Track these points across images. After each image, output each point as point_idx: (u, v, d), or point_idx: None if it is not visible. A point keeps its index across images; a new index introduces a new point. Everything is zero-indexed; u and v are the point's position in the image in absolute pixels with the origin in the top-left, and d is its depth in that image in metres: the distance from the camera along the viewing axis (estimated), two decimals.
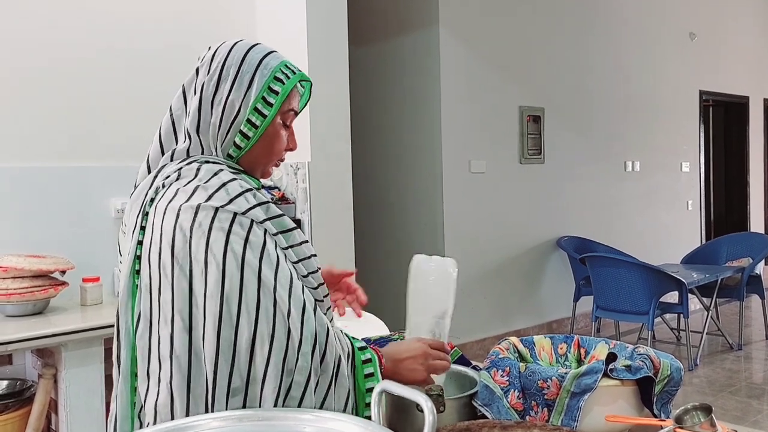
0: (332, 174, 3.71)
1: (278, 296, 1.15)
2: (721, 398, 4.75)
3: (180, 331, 1.15)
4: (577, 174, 6.73)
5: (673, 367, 1.39)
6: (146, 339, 1.19)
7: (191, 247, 1.14)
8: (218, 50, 1.33)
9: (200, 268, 1.14)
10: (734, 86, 8.73)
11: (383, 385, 1.07)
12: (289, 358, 1.14)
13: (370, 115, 6.09)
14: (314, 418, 0.88)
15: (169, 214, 1.18)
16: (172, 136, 1.33)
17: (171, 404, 1.15)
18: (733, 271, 5.98)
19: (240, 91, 1.28)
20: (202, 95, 1.30)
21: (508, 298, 6.13)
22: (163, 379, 1.16)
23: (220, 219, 1.15)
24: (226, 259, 1.13)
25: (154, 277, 1.18)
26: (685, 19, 7.93)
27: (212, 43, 1.37)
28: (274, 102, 1.30)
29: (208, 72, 1.31)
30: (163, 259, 1.16)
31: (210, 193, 1.18)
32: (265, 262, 1.16)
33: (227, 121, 1.28)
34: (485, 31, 5.88)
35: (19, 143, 3.21)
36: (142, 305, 1.19)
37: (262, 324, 1.13)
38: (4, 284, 2.83)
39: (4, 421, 2.78)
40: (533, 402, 1.35)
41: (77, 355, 2.71)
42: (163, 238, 1.17)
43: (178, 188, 1.21)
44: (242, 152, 1.32)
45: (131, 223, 1.26)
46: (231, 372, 1.12)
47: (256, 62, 1.30)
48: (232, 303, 1.12)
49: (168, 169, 1.28)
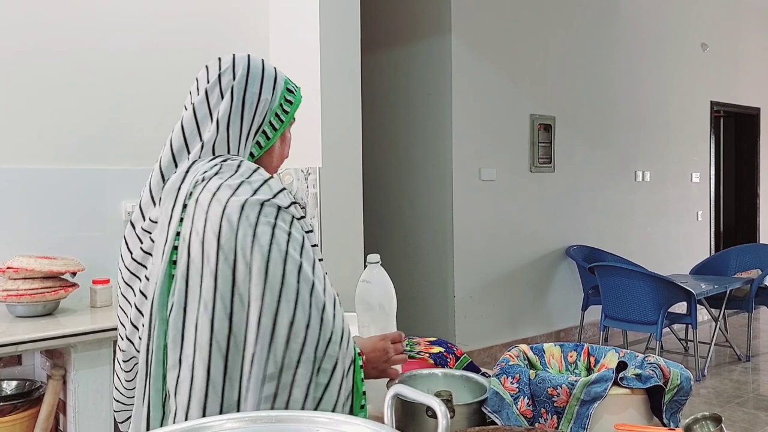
0: (343, 180, 3.71)
1: (315, 289, 1.23)
2: (728, 409, 4.72)
3: (221, 317, 1.19)
4: (587, 183, 6.72)
5: (683, 376, 1.39)
6: (179, 326, 1.23)
7: (237, 238, 1.20)
8: (237, 59, 1.43)
9: (245, 259, 1.20)
10: (746, 98, 8.71)
11: (395, 389, 1.07)
12: (320, 348, 1.21)
13: (381, 121, 6.10)
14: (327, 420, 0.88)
15: (214, 206, 1.23)
16: (196, 135, 1.38)
17: (206, 389, 1.19)
18: (742, 283, 5.96)
19: (268, 93, 1.41)
20: (233, 96, 1.38)
21: (516, 306, 6.12)
22: (198, 365, 1.20)
23: (266, 213, 1.23)
24: (271, 251, 1.20)
25: (194, 266, 1.23)
26: (698, 30, 7.92)
27: (226, 46, 1.46)
28: (290, 109, 1.44)
29: (235, 76, 1.40)
30: (207, 248, 1.21)
31: (255, 188, 1.26)
32: (304, 256, 1.24)
33: (258, 119, 1.40)
34: (497, 39, 5.89)
35: (31, 144, 3.23)
36: (177, 294, 1.23)
37: (299, 314, 1.19)
38: (14, 285, 2.84)
39: (13, 421, 2.78)
40: (543, 409, 1.35)
41: (86, 357, 2.72)
42: (208, 229, 1.22)
43: (222, 182, 1.27)
44: (262, 152, 1.42)
45: (165, 216, 1.30)
46: (267, 358, 1.17)
47: (273, 71, 1.45)
48: (274, 292, 1.19)
49: (202, 164, 1.33)
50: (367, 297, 1.57)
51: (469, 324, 5.70)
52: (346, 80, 3.72)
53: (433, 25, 5.72)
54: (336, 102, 3.64)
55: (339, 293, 1.35)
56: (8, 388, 3.02)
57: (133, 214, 1.40)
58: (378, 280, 1.57)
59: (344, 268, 3.56)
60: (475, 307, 5.75)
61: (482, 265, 5.81)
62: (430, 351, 1.80)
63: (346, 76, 3.73)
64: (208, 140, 1.36)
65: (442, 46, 5.64)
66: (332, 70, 3.66)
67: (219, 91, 1.39)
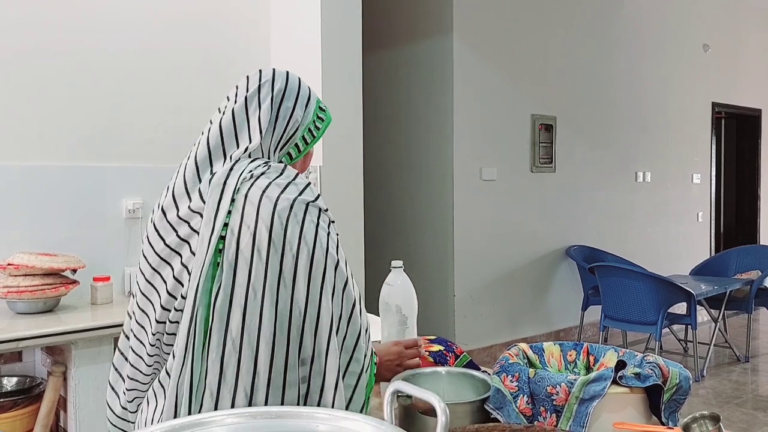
0: (344, 179, 3.71)
1: (348, 286, 1.37)
2: (727, 410, 4.73)
3: (269, 305, 1.29)
4: (588, 183, 6.72)
5: (682, 375, 1.39)
6: (225, 312, 1.31)
7: (287, 233, 1.31)
8: (277, 73, 1.54)
9: (293, 253, 1.31)
10: (747, 99, 8.71)
11: (396, 385, 1.08)
12: (348, 339, 1.36)
13: (382, 120, 6.11)
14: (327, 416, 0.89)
15: (265, 202, 1.33)
16: (233, 138, 1.47)
17: (253, 372, 1.29)
18: (742, 284, 5.96)
19: (301, 109, 1.52)
20: (271, 106, 1.49)
21: (516, 306, 6.12)
22: (246, 348, 1.29)
23: (311, 213, 1.35)
24: (316, 247, 1.32)
25: (243, 256, 1.32)
26: (699, 30, 7.92)
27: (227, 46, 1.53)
28: (321, 126, 1.57)
29: (273, 89, 1.50)
30: (260, 241, 1.31)
31: (301, 189, 1.38)
32: (341, 255, 1.38)
33: (289, 132, 1.50)
34: (499, 39, 5.89)
35: (32, 142, 3.24)
36: (224, 281, 1.32)
37: (336, 307, 1.34)
38: (15, 282, 2.85)
39: (14, 417, 2.79)
40: (542, 408, 1.36)
41: (87, 354, 2.73)
42: (260, 223, 1.32)
43: (270, 181, 1.37)
44: (291, 162, 1.53)
45: (211, 208, 1.37)
46: (301, 344, 1.30)
47: (308, 90, 1.57)
48: (317, 285, 1.31)
49: (248, 164, 1.42)
50: (387, 299, 1.65)
51: (469, 323, 5.71)
52: (347, 79, 3.73)
53: (435, 25, 5.72)
54: (337, 101, 3.65)
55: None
56: (9, 385, 3.03)
57: (164, 203, 1.45)
58: (400, 285, 1.66)
59: None
60: (475, 306, 5.75)
61: (482, 265, 5.82)
62: (429, 349, 1.81)
63: (347, 75, 3.74)
64: (249, 146, 1.45)
65: (444, 46, 5.64)
66: (333, 69, 3.66)
67: (257, 101, 1.48)
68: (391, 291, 1.64)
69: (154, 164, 3.52)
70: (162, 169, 3.51)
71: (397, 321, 1.62)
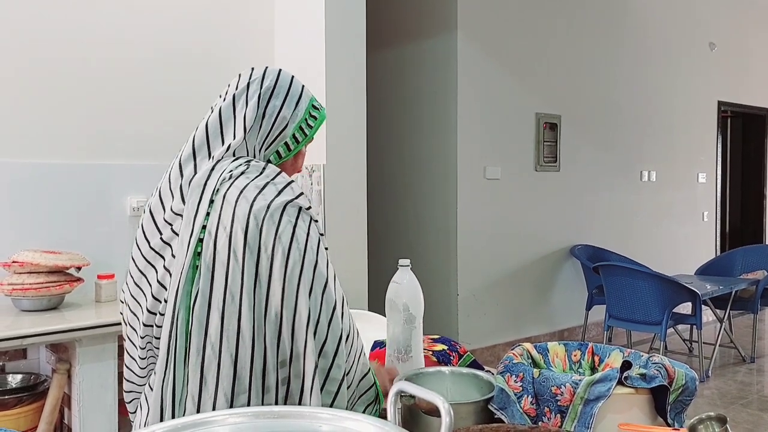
0: (347, 177, 3.71)
1: (327, 287, 1.32)
2: (732, 410, 4.71)
3: (246, 309, 1.28)
4: (592, 182, 6.71)
5: (688, 376, 1.38)
6: (204, 314, 1.30)
7: (262, 234, 1.30)
8: (268, 70, 1.52)
9: (268, 254, 1.29)
10: (753, 98, 8.68)
11: (399, 385, 1.07)
12: (329, 344, 1.30)
13: (386, 119, 6.10)
14: (330, 416, 0.88)
15: (242, 203, 1.32)
16: (219, 136, 1.47)
17: (233, 375, 1.28)
18: (748, 284, 5.94)
19: (290, 108, 1.49)
20: (258, 104, 1.47)
21: (520, 305, 6.11)
22: (225, 353, 1.28)
23: (289, 213, 1.32)
24: (291, 248, 1.29)
25: (220, 259, 1.30)
26: (705, 29, 7.90)
27: (231, 45, 1.51)
28: (314, 125, 1.54)
29: (262, 86, 1.49)
30: (235, 243, 1.30)
31: (279, 189, 1.36)
32: (321, 256, 1.33)
33: (276, 130, 1.48)
34: (503, 37, 5.88)
35: (37, 140, 3.24)
36: (202, 283, 1.31)
37: (315, 308, 1.29)
38: (20, 279, 2.85)
39: (18, 414, 2.80)
40: (546, 408, 1.35)
41: (91, 351, 2.73)
42: (236, 224, 1.31)
43: (249, 182, 1.36)
44: (281, 161, 1.52)
45: (191, 209, 1.37)
46: (278, 347, 1.29)
47: (300, 88, 1.54)
48: (293, 286, 1.28)
49: (228, 164, 1.41)
50: (394, 297, 1.64)
51: (472, 322, 5.70)
52: (351, 78, 3.72)
53: (439, 23, 5.71)
54: (341, 100, 3.64)
55: (343, 291, 1.40)
56: (13, 382, 3.03)
57: (152, 204, 1.46)
58: (407, 283, 1.65)
59: (348, 265, 3.56)
60: (478, 305, 5.75)
61: (486, 264, 5.81)
62: (433, 348, 1.80)
63: (351, 73, 3.73)
64: (231, 143, 1.44)
65: (448, 44, 5.63)
66: (337, 67, 3.66)
67: (245, 98, 1.48)
68: (398, 289, 1.63)
69: (158, 162, 3.52)
70: (166, 166, 3.50)
71: (404, 319, 1.61)
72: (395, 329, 1.62)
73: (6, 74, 3.16)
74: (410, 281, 1.64)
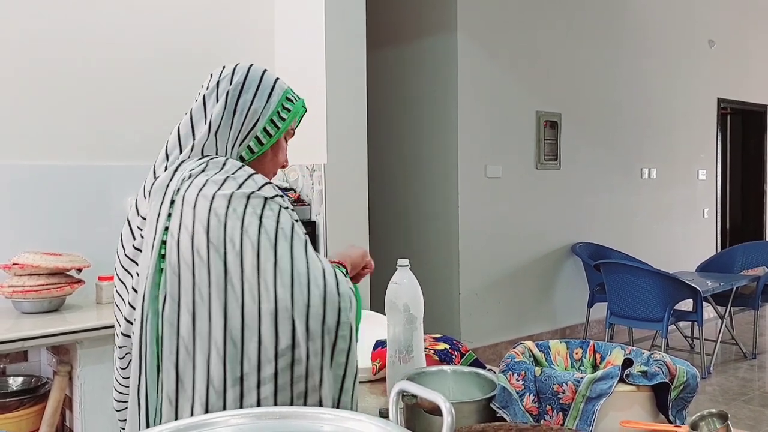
0: (348, 176, 3.71)
1: (311, 266, 1.25)
2: (734, 407, 4.72)
3: (217, 309, 1.24)
4: (593, 180, 6.71)
5: (690, 373, 1.38)
6: (174, 318, 1.27)
7: (226, 231, 1.24)
8: (238, 67, 1.49)
9: (236, 251, 1.23)
10: (752, 94, 8.68)
11: (401, 384, 1.07)
12: (328, 320, 1.23)
13: (386, 118, 6.10)
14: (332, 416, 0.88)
15: (201, 202, 1.27)
16: (190, 137, 1.45)
17: (207, 378, 1.24)
18: (749, 280, 5.95)
19: (261, 101, 1.45)
20: (226, 101, 1.44)
21: (521, 304, 6.11)
22: (199, 355, 1.25)
23: (253, 205, 1.27)
24: (260, 240, 1.23)
25: (184, 260, 1.26)
26: (704, 26, 7.90)
27: (231, 45, 1.48)
28: (287, 117, 1.49)
29: (231, 83, 1.46)
30: (198, 243, 1.25)
31: (240, 182, 1.30)
32: (296, 239, 1.27)
33: (247, 125, 1.44)
34: (503, 36, 5.88)
35: (37, 141, 3.24)
36: (169, 287, 1.27)
37: (298, 294, 1.22)
38: (20, 281, 2.85)
39: (19, 417, 2.79)
40: (548, 406, 1.35)
41: (92, 353, 2.73)
42: (197, 224, 1.26)
43: (207, 179, 1.31)
44: (254, 157, 1.47)
45: (154, 212, 1.34)
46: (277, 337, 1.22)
47: (272, 80, 1.49)
48: (268, 278, 1.22)
49: (190, 163, 1.38)
50: (394, 298, 1.62)
51: (474, 321, 5.70)
52: (351, 77, 3.72)
53: (439, 22, 5.71)
54: (341, 99, 3.64)
55: None
56: (14, 384, 3.03)
57: (129, 212, 1.46)
58: (406, 283, 1.63)
59: None
60: (480, 304, 5.75)
61: (487, 262, 5.81)
62: (435, 348, 1.80)
63: (352, 72, 3.73)
64: (198, 142, 1.42)
65: (448, 43, 5.63)
66: (338, 66, 3.66)
67: (215, 97, 1.45)
68: (397, 290, 1.62)
69: None
70: None
71: (405, 320, 1.60)
72: (396, 330, 1.62)
73: (6, 75, 3.16)
74: (410, 281, 1.63)
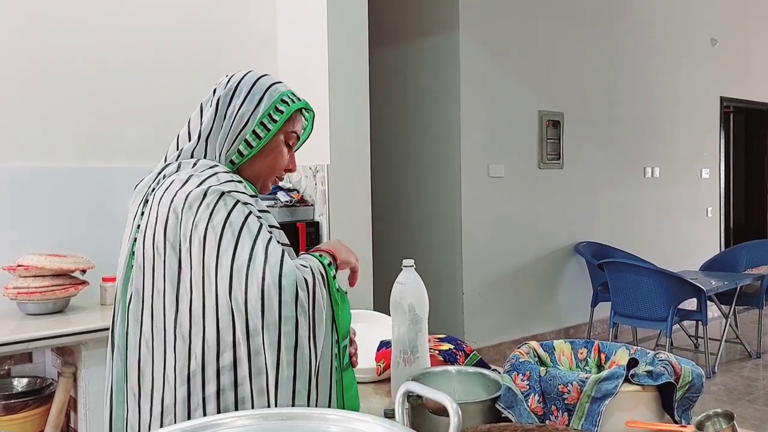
0: (351, 176, 3.71)
1: (254, 259, 1.22)
2: (739, 406, 4.71)
3: (170, 303, 1.27)
4: (596, 179, 6.70)
5: (695, 373, 1.38)
6: (139, 314, 1.31)
7: (181, 226, 1.27)
8: (234, 75, 1.51)
9: (187, 246, 1.26)
10: (756, 93, 8.66)
11: (407, 385, 1.07)
12: (267, 316, 1.21)
13: (389, 118, 6.10)
14: (339, 417, 0.88)
15: (164, 200, 1.31)
16: (186, 142, 1.48)
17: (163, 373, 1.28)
18: (753, 279, 5.94)
19: (250, 105, 1.45)
20: (217, 107, 1.46)
21: (525, 303, 6.11)
22: (157, 353, 1.29)
23: (207, 201, 1.27)
24: (207, 234, 1.25)
25: (147, 256, 1.30)
26: (707, 25, 7.88)
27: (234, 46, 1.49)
28: (278, 119, 1.46)
29: (224, 88, 1.48)
30: (157, 240, 1.29)
31: (202, 179, 1.32)
32: (245, 233, 1.25)
33: (236, 129, 1.44)
34: (506, 36, 5.87)
35: (41, 143, 3.24)
36: (135, 283, 1.32)
37: (236, 288, 1.21)
38: (25, 283, 2.86)
39: (24, 418, 2.80)
40: (553, 406, 1.35)
41: (97, 354, 2.73)
42: (158, 221, 1.30)
43: (174, 178, 1.35)
44: (244, 160, 1.46)
45: (132, 211, 1.41)
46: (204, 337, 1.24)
47: (266, 85, 1.48)
48: (211, 272, 1.23)
49: (171, 166, 1.43)
50: (399, 298, 1.63)
51: (477, 321, 5.70)
52: (353, 77, 3.72)
53: (441, 21, 5.71)
54: (343, 99, 3.64)
55: (347, 291, 1.39)
56: (19, 386, 3.03)
57: None
58: (412, 283, 1.64)
59: None
60: (483, 303, 5.75)
61: (491, 262, 5.81)
62: (439, 348, 1.80)
63: (354, 72, 3.73)
64: (189, 147, 1.45)
65: (450, 42, 5.63)
66: (340, 67, 3.66)
67: (210, 103, 1.48)
68: (402, 290, 1.62)
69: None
70: None
71: (409, 320, 1.60)
72: (400, 330, 1.62)
73: (8, 76, 3.16)
74: (414, 281, 1.63)
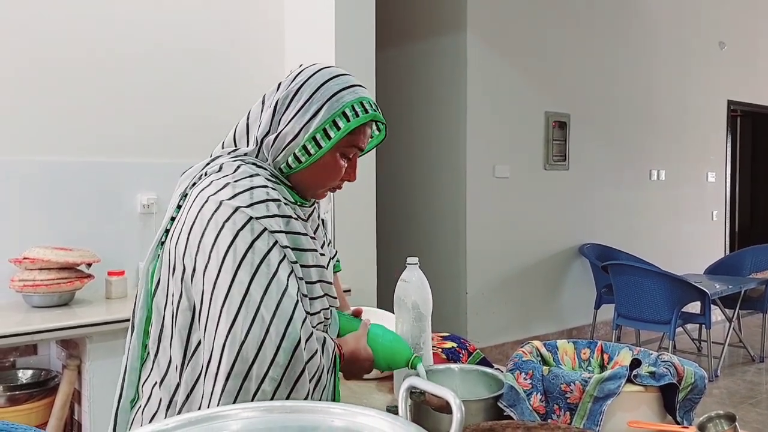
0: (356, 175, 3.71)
1: (263, 306, 1.18)
2: (741, 410, 4.70)
3: (184, 309, 1.27)
4: (601, 181, 6.69)
5: (697, 375, 1.38)
6: (162, 303, 1.31)
7: (203, 236, 1.22)
8: (303, 71, 1.40)
9: (204, 259, 1.21)
10: (763, 97, 8.63)
11: (410, 381, 1.08)
12: (257, 365, 1.16)
13: (395, 117, 6.10)
14: (343, 411, 0.89)
15: (197, 202, 1.26)
16: (244, 137, 1.42)
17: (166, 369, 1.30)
18: (757, 283, 5.93)
19: (303, 117, 1.34)
20: (274, 110, 1.37)
21: (528, 304, 6.11)
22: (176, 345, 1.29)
23: (235, 220, 1.22)
24: (226, 258, 1.19)
25: (171, 255, 1.29)
26: (715, 28, 7.86)
27: (241, 43, 1.44)
28: (333, 136, 1.35)
29: (286, 88, 1.38)
30: (180, 240, 1.26)
31: (236, 192, 1.25)
32: (261, 272, 1.20)
33: (282, 141, 1.35)
34: (512, 36, 5.87)
35: (49, 137, 3.25)
36: (162, 272, 1.31)
37: (237, 326, 1.17)
38: (31, 275, 2.87)
39: (29, 410, 2.81)
40: (556, 405, 1.36)
41: (101, 347, 2.74)
42: (186, 222, 1.26)
43: (213, 179, 1.29)
44: (292, 172, 1.39)
45: (174, 199, 1.37)
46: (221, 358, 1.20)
47: (329, 94, 1.36)
48: (218, 299, 1.19)
49: (219, 159, 1.37)
50: (402, 296, 1.61)
51: (481, 320, 5.70)
52: (360, 77, 3.68)
53: (448, 21, 5.71)
54: None
55: (352, 289, 1.38)
56: (24, 378, 3.05)
57: None
58: (415, 281, 1.62)
59: (357, 264, 3.56)
60: (487, 303, 5.75)
61: (495, 262, 5.81)
62: (442, 346, 1.81)
63: (361, 72, 3.72)
64: (242, 147, 1.41)
65: (457, 42, 5.63)
66: (347, 66, 3.63)
67: (271, 100, 1.40)
68: (407, 288, 1.62)
69: (169, 159, 3.53)
70: (176, 164, 3.48)
71: (413, 318, 1.60)
72: (404, 328, 1.61)
73: (19, 66, 3.18)
74: (419, 279, 1.63)
